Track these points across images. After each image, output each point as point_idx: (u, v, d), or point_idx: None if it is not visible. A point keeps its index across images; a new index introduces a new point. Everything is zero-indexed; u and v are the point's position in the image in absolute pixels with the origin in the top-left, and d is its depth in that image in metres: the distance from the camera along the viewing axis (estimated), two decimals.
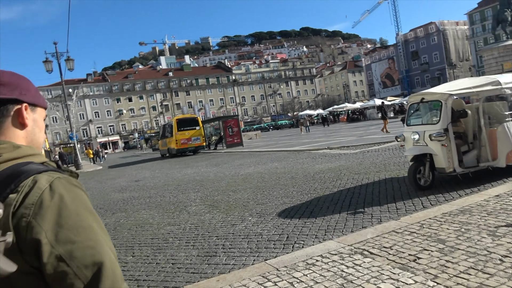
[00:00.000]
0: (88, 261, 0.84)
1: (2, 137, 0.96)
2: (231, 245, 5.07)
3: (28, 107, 1.01)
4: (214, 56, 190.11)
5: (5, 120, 0.97)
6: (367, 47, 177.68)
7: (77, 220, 0.87)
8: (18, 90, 0.99)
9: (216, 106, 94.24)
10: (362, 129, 29.49)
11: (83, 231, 0.87)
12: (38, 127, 1.06)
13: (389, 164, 9.92)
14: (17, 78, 1.01)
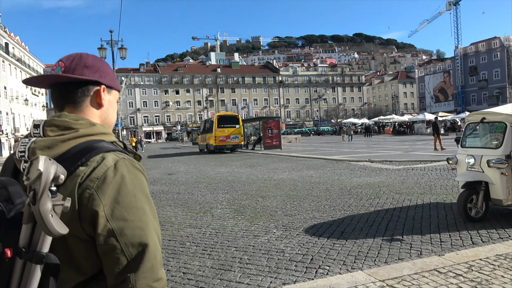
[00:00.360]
0: (135, 241, 0.91)
1: (81, 114, 1.05)
2: (249, 260, 4.63)
3: (105, 89, 1.10)
4: (263, 56, 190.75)
5: (85, 99, 1.07)
6: (422, 58, 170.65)
7: (132, 201, 0.94)
8: (99, 73, 1.08)
9: (260, 106, 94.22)
10: (408, 143, 28.00)
11: (136, 212, 0.94)
12: (112, 108, 1.14)
13: (435, 186, 9.05)
14: (99, 62, 1.10)
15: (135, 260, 0.91)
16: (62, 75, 1.03)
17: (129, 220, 0.92)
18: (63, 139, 0.97)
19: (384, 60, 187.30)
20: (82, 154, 0.95)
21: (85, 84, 1.06)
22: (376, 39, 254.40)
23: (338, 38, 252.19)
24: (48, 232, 0.80)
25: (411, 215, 6.38)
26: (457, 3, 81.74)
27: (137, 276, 0.91)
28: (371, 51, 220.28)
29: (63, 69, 1.05)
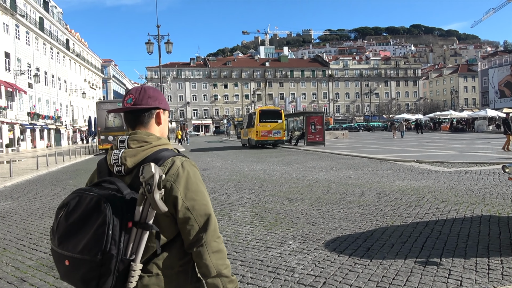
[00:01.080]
0: (202, 213, 1.38)
1: (149, 130, 1.49)
2: (252, 278, 4.03)
3: (162, 111, 1.55)
4: (314, 49, 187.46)
5: (150, 120, 1.50)
6: (486, 50, 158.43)
7: (196, 187, 1.40)
8: (158, 100, 1.52)
9: (308, 100, 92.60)
10: (465, 142, 25.74)
11: (200, 194, 1.40)
12: (166, 123, 1.59)
13: (491, 194, 7.86)
14: (157, 92, 1.55)
15: (203, 225, 1.37)
16: (136, 107, 1.48)
17: (197, 200, 1.39)
18: (143, 149, 1.42)
19: (444, 53, 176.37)
20: (157, 159, 1.39)
21: (149, 110, 1.50)
22: (436, 31, 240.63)
23: (393, 30, 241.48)
24: (158, 210, 1.26)
25: (455, 231, 5.41)
26: None
27: (206, 235, 1.37)
28: (429, 43, 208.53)
29: (134, 101, 1.49)
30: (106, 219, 1.24)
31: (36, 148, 40.23)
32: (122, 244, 1.27)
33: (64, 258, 1.29)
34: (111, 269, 1.25)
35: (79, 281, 1.27)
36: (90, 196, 1.30)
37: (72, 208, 1.31)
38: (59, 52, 50.62)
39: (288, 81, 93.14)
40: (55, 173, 15.76)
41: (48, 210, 8.00)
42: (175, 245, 1.41)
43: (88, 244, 1.24)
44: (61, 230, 1.31)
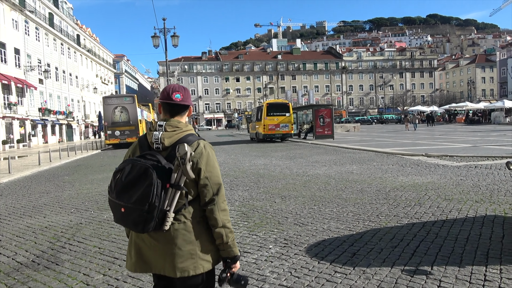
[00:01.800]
0: (216, 182, 1.93)
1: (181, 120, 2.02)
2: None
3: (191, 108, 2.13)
4: (328, 41, 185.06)
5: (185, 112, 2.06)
6: (505, 40, 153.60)
7: (213, 163, 1.95)
8: (189, 99, 2.07)
9: (321, 93, 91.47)
10: (480, 134, 24.79)
11: (215, 169, 1.95)
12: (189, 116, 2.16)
13: (499, 191, 7.29)
14: (188, 93, 2.08)
15: (216, 191, 1.92)
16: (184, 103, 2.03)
17: (213, 172, 1.93)
18: (176, 133, 1.93)
19: (461, 43, 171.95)
20: (188, 141, 1.89)
21: (188, 106, 2.07)
22: (453, 20, 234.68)
23: (409, 20, 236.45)
24: (188, 177, 1.82)
25: (454, 234, 4.93)
26: None
27: (217, 198, 1.92)
28: (447, 33, 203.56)
29: (182, 97, 2.01)
30: (153, 181, 1.76)
31: (47, 144, 40.66)
32: (162, 199, 1.80)
33: (120, 206, 1.83)
34: (154, 216, 1.78)
35: (130, 223, 1.83)
36: (140, 164, 1.81)
37: (127, 172, 1.82)
38: (70, 48, 50.93)
39: (301, 74, 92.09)
40: (56, 169, 15.67)
41: (31, 209, 7.77)
42: (196, 203, 1.96)
43: (139, 198, 1.77)
44: (118, 186, 1.83)
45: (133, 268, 2.00)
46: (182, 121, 2.02)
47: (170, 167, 1.85)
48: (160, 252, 1.92)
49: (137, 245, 1.99)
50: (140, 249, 1.98)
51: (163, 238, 1.90)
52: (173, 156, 1.86)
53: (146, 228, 1.80)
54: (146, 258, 1.97)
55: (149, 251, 1.95)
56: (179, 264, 1.91)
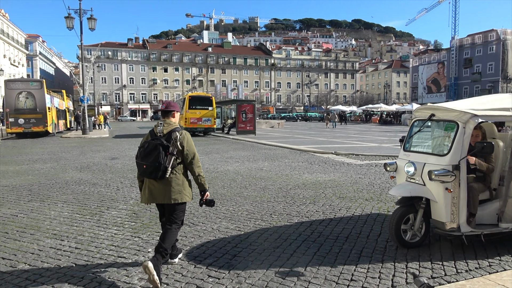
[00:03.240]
0: (192, 152, 3.71)
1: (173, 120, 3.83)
2: None
3: (176, 112, 3.88)
4: (260, 38, 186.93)
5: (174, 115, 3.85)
6: (418, 48, 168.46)
7: (190, 142, 3.73)
8: (176, 108, 3.90)
9: (250, 88, 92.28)
10: (389, 134, 26.75)
11: (191, 145, 3.73)
12: (177, 117, 3.95)
13: (388, 189, 7.72)
14: (174, 104, 3.97)
15: (193, 156, 3.71)
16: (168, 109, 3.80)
17: (190, 147, 3.70)
18: (170, 127, 3.69)
19: (381, 48, 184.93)
20: (176, 130, 3.65)
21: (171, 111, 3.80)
22: (375, 26, 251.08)
23: (336, 23, 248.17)
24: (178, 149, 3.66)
25: (336, 232, 5.06)
26: None
27: (194, 160, 3.72)
28: (369, 38, 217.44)
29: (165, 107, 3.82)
30: (160, 151, 3.48)
31: None
32: (164, 160, 3.51)
33: (143, 165, 3.54)
34: (160, 169, 3.50)
35: (148, 174, 3.56)
36: (153, 142, 3.53)
37: (146, 147, 3.54)
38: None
39: (231, 68, 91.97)
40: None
41: None
42: (182, 163, 3.69)
43: (153, 160, 3.48)
44: (142, 154, 3.55)
45: (146, 201, 3.77)
46: (172, 120, 3.81)
47: (168, 144, 3.58)
48: (162, 190, 3.65)
49: (149, 187, 3.71)
50: (151, 189, 3.70)
51: (164, 182, 3.64)
52: (169, 138, 3.62)
53: (156, 176, 3.56)
54: (154, 194, 3.69)
55: (155, 190, 3.68)
56: (172, 196, 3.66)
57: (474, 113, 4.23)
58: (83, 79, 27.37)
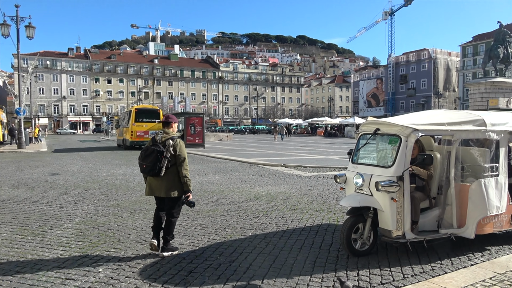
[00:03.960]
0: (183, 156, 4.58)
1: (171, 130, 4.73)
2: None
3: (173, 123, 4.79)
4: (207, 50, 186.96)
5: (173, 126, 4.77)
6: (359, 64, 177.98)
7: (182, 148, 4.61)
8: (175, 119, 4.84)
9: (198, 101, 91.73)
10: (334, 146, 27.84)
11: (183, 151, 4.62)
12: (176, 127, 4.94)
13: (337, 200, 8.06)
14: (173, 116, 4.90)
15: (183, 159, 4.56)
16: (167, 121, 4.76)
17: (182, 152, 4.57)
18: (168, 135, 4.62)
19: (324, 64, 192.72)
20: (171, 139, 4.57)
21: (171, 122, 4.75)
22: (318, 43, 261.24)
23: (282, 38, 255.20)
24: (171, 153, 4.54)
25: (290, 244, 5.16)
26: (392, 13, 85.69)
27: (183, 163, 4.57)
28: (313, 54, 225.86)
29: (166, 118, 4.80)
30: (157, 155, 4.44)
31: None
32: (160, 162, 4.43)
33: (143, 165, 4.51)
34: (156, 168, 4.43)
35: (148, 172, 4.51)
36: (152, 148, 4.49)
37: (146, 150, 4.54)
38: None
39: (178, 81, 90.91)
40: None
41: None
42: (174, 165, 4.53)
43: (151, 161, 4.43)
44: (143, 156, 4.52)
45: (147, 194, 4.72)
46: (170, 130, 4.70)
47: (163, 150, 4.46)
48: (158, 186, 4.55)
49: (149, 183, 4.65)
50: (150, 185, 4.63)
51: (160, 179, 4.51)
52: (164, 145, 4.51)
53: (154, 173, 4.45)
54: (152, 189, 4.62)
55: (153, 185, 4.60)
56: (167, 190, 4.52)
57: (415, 128, 4.57)
58: (19, 90, 25.62)
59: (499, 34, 29.37)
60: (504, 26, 30.82)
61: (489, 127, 4.85)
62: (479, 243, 5.05)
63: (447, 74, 79.25)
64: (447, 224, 4.85)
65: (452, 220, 4.84)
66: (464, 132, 4.84)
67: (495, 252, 4.86)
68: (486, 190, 4.77)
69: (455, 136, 4.83)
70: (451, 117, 5.10)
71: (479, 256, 4.70)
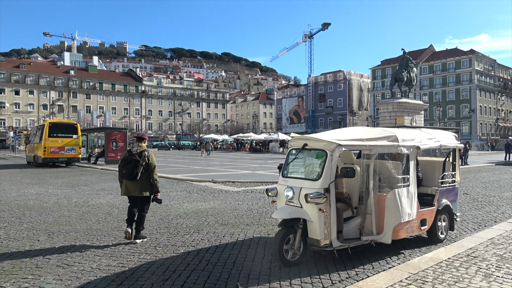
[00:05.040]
0: (154, 165, 6.04)
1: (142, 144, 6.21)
2: None
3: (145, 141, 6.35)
4: (129, 63, 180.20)
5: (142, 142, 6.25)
6: (281, 83, 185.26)
7: (153, 158, 6.10)
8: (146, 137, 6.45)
9: (119, 116, 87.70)
10: (260, 161, 28.46)
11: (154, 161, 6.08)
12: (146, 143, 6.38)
13: (266, 214, 8.27)
14: (144, 134, 6.59)
15: (153, 168, 6.01)
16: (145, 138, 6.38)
17: (153, 161, 6.05)
18: (141, 148, 6.09)
19: (249, 81, 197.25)
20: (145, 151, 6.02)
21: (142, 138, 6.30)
22: (243, 60, 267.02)
23: (207, 54, 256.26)
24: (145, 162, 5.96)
25: (223, 259, 5.18)
26: (311, 36, 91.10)
27: (154, 169, 6.04)
28: (238, 71, 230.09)
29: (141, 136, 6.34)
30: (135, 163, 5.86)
31: None
32: (136, 168, 5.83)
33: (123, 170, 5.90)
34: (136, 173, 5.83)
35: (127, 176, 5.87)
36: (130, 158, 5.93)
37: (126, 159, 5.97)
38: None
39: (97, 94, 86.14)
40: None
41: None
42: (147, 171, 5.95)
43: (130, 168, 5.84)
44: (123, 164, 5.94)
45: (123, 194, 6.01)
46: (143, 145, 6.15)
47: (139, 160, 5.86)
48: (133, 187, 5.88)
49: (125, 185, 5.94)
50: (126, 186, 5.92)
51: (135, 182, 5.86)
52: (140, 155, 5.91)
53: (131, 177, 5.81)
54: (129, 189, 5.91)
55: (129, 187, 5.90)
56: (140, 191, 5.89)
57: (339, 143, 4.93)
58: None
59: (403, 59, 32.78)
60: (407, 53, 34.55)
61: (401, 142, 5.42)
62: (395, 247, 5.55)
63: (360, 94, 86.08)
64: (368, 231, 5.26)
65: (372, 228, 5.27)
66: (380, 147, 5.33)
67: (409, 255, 5.38)
68: (400, 199, 5.29)
69: (373, 151, 5.30)
70: (369, 134, 5.60)
71: (395, 259, 5.17)
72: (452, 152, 6.59)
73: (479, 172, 19.85)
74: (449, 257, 5.02)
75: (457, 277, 4.28)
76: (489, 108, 73.64)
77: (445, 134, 6.74)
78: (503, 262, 4.84)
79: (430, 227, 5.92)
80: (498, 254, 5.16)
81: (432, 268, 4.61)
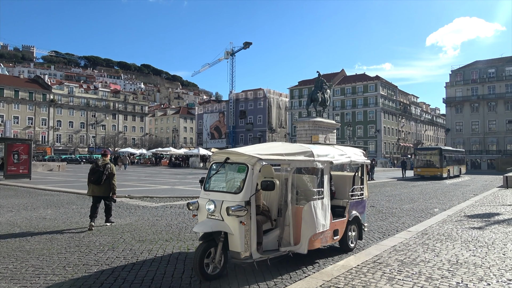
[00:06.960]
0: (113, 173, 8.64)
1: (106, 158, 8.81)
2: None
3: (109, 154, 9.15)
4: (36, 69, 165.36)
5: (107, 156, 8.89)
6: (202, 98, 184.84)
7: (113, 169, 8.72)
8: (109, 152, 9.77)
9: (22, 125, 79.61)
10: (179, 176, 27.89)
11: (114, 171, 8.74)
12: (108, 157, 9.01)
13: (186, 229, 8.14)
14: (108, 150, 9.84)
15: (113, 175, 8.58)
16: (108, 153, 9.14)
17: (113, 171, 8.67)
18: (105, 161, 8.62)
19: (169, 95, 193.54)
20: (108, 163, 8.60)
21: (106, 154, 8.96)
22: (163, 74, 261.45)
23: (125, 65, 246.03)
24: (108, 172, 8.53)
25: (141, 276, 4.98)
26: (233, 54, 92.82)
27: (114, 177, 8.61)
28: (157, 84, 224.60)
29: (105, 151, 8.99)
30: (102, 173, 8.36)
31: None
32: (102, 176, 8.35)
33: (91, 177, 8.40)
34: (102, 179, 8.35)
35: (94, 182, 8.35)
36: (97, 169, 8.41)
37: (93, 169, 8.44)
38: None
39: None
40: None
41: None
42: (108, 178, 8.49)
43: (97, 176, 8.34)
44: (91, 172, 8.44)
45: (90, 194, 8.52)
46: (106, 159, 8.68)
47: (103, 170, 8.39)
48: (99, 190, 8.45)
49: (92, 188, 8.45)
50: (93, 189, 8.46)
51: (100, 186, 8.42)
52: (104, 167, 8.45)
53: (98, 182, 8.35)
54: (94, 191, 8.45)
55: (95, 190, 8.44)
56: (103, 192, 8.49)
57: (259, 157, 5.11)
58: None
59: (318, 81, 34.97)
60: (321, 75, 36.96)
61: (316, 157, 5.78)
62: (310, 257, 5.85)
63: (279, 112, 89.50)
64: (286, 242, 5.48)
65: (290, 239, 5.49)
66: (298, 162, 5.63)
67: (323, 264, 5.70)
68: (315, 211, 5.61)
69: (291, 165, 5.57)
70: (288, 149, 5.89)
71: (311, 268, 5.44)
72: (361, 167, 7.21)
73: (384, 186, 21.80)
74: (358, 264, 5.43)
75: (365, 282, 4.65)
76: (392, 129, 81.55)
77: (354, 151, 7.35)
78: (403, 266, 5.37)
79: (342, 237, 6.36)
80: (400, 260, 5.72)
81: (344, 275, 4.95)
